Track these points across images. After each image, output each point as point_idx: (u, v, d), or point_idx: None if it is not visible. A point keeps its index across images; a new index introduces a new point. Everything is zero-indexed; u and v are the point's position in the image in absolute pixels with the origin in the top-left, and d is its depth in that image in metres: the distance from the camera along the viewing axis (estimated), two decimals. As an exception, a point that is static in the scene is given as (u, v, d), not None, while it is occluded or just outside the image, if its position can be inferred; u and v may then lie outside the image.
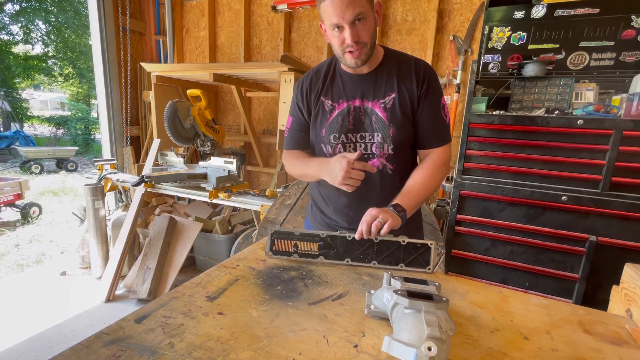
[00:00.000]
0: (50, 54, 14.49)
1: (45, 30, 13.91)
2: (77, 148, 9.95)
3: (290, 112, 1.18)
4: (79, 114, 13.54)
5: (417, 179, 1.02)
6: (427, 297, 0.58)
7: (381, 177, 1.07)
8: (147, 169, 2.52)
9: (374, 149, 1.05)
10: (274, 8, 3.00)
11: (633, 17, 1.69)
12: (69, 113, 14.39)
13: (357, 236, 0.87)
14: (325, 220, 1.20)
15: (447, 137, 1.08)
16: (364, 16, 0.90)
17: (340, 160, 0.92)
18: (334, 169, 0.93)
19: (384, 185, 1.08)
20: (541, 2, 1.82)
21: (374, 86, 1.04)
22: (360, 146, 1.06)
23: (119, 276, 2.50)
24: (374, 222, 0.85)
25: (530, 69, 1.83)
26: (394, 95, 1.03)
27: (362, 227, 0.86)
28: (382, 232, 0.85)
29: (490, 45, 1.96)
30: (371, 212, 0.88)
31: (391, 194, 1.04)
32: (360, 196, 1.08)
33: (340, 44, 0.95)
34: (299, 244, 0.90)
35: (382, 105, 1.03)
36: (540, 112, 1.76)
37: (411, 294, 0.58)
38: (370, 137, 1.05)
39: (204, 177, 2.36)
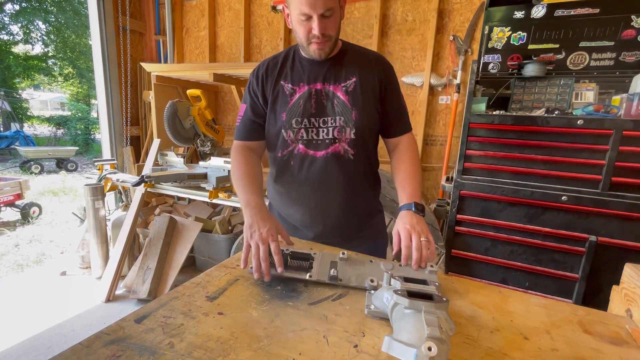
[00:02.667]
0: (50, 54, 14.48)
1: (45, 30, 13.91)
2: (77, 148, 9.92)
3: (243, 100, 1.13)
4: (79, 114, 13.51)
5: (410, 169, 1.04)
6: (427, 297, 0.58)
7: (342, 162, 1.06)
8: (147, 169, 2.52)
9: (335, 134, 1.04)
10: (274, 8, 3.00)
11: (633, 17, 1.69)
12: (69, 113, 14.37)
13: (403, 261, 0.82)
14: (286, 217, 1.17)
15: (410, 124, 1.14)
16: (333, 11, 0.92)
17: (262, 238, 0.80)
18: (254, 228, 0.83)
19: (344, 170, 1.07)
20: (541, 2, 1.82)
21: (334, 70, 1.04)
22: (323, 131, 1.04)
23: (119, 276, 2.50)
24: (424, 244, 0.82)
25: (530, 69, 1.83)
26: (354, 79, 1.03)
27: (414, 253, 0.80)
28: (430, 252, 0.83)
29: (490, 45, 1.96)
30: (412, 234, 0.83)
31: (350, 179, 1.07)
32: (322, 182, 1.07)
33: (307, 32, 0.94)
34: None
35: (344, 88, 1.03)
36: (540, 112, 1.76)
37: (411, 294, 0.58)
38: (333, 120, 1.03)
39: (204, 177, 2.36)
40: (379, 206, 1.24)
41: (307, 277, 0.78)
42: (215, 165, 2.40)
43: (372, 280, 0.76)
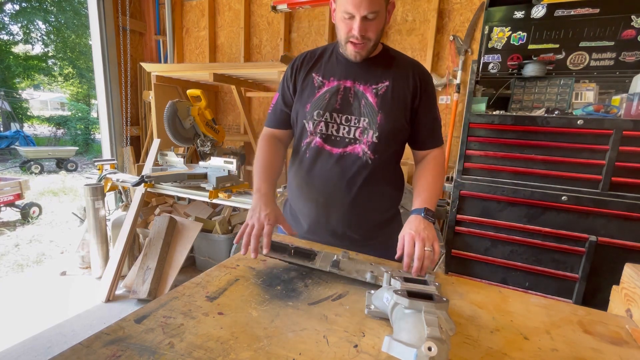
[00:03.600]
0: (50, 54, 14.48)
1: (45, 30, 13.91)
2: (77, 148, 9.92)
3: (278, 89, 1.15)
4: (79, 114, 13.51)
5: (431, 179, 1.02)
6: (427, 297, 0.58)
7: (358, 164, 1.03)
8: (147, 169, 2.52)
9: (357, 134, 1.02)
10: (274, 8, 3.00)
11: (633, 17, 1.69)
12: (69, 113, 14.37)
13: (405, 269, 0.82)
14: (297, 212, 1.17)
15: (442, 138, 1.11)
16: (378, 14, 0.90)
17: (259, 219, 0.88)
18: (256, 211, 0.90)
19: (359, 173, 1.03)
20: (541, 2, 1.82)
21: (368, 71, 1.03)
22: (344, 128, 1.02)
23: (119, 276, 2.49)
24: (427, 254, 0.80)
25: (530, 69, 1.83)
26: (387, 83, 1.01)
27: (415, 262, 0.79)
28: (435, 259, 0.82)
29: (490, 45, 1.96)
30: (416, 241, 0.81)
31: (364, 183, 1.03)
32: (333, 180, 1.05)
33: (347, 31, 0.93)
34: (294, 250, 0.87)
35: (374, 90, 1.01)
36: (540, 112, 1.76)
37: (411, 294, 0.58)
38: (356, 120, 1.01)
39: (204, 177, 2.36)
40: (395, 216, 1.18)
41: (310, 264, 0.81)
42: (215, 165, 2.40)
43: (372, 272, 0.77)
